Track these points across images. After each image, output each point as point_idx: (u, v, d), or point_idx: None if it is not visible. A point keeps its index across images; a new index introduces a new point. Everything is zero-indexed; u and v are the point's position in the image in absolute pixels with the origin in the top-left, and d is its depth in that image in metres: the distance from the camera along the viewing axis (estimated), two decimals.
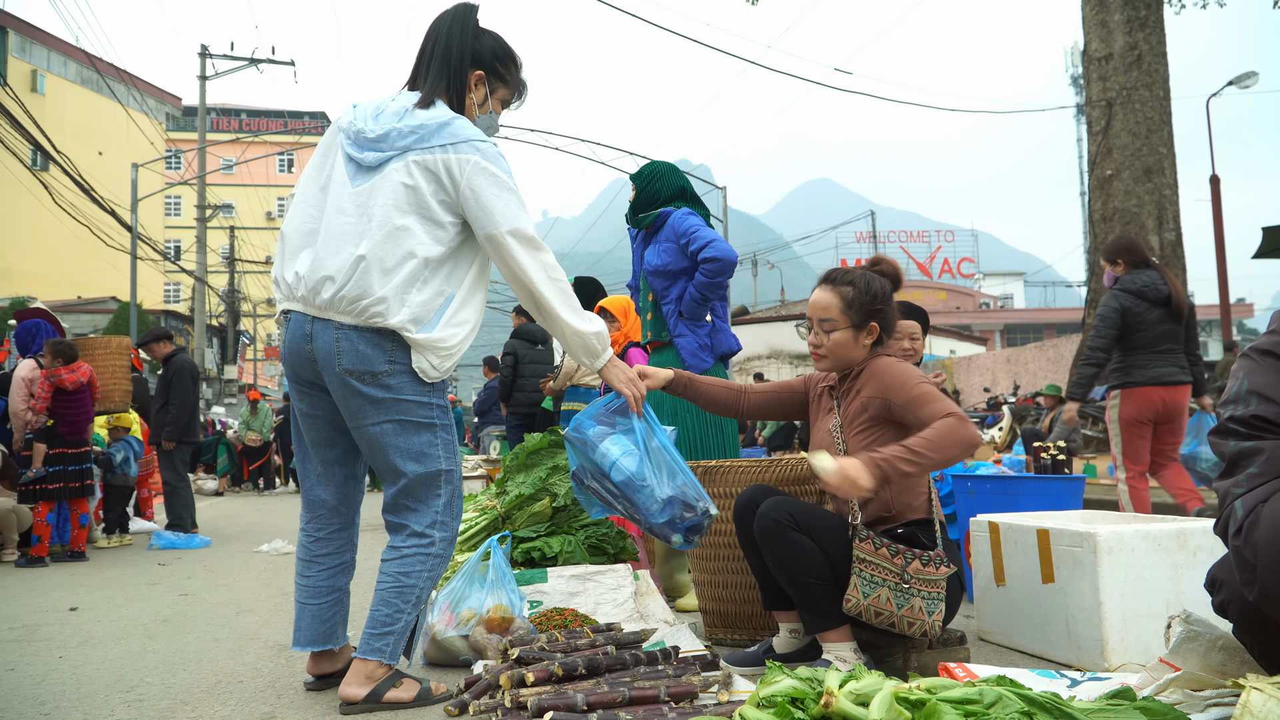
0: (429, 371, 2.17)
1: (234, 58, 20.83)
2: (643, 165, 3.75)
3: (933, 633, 2.20)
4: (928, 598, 2.18)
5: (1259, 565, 1.32)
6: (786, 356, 20.61)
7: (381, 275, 2.11)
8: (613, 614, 2.94)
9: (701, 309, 3.50)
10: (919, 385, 2.29)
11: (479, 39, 2.31)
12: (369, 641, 2.16)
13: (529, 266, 2.17)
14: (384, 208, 2.12)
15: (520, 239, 2.16)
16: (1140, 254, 4.64)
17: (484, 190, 2.13)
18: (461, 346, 2.22)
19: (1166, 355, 4.52)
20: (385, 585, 2.19)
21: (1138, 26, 13.20)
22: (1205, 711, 1.63)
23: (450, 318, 2.18)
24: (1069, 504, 3.52)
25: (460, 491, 2.30)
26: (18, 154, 14.19)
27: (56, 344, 5.74)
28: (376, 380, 2.13)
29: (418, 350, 2.15)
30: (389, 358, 2.14)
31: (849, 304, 2.40)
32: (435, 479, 2.23)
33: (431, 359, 2.16)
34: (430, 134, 2.15)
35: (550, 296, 2.20)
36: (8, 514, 5.76)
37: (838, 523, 2.30)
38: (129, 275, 17.48)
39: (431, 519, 2.22)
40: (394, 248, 2.12)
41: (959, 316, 40.95)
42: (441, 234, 2.17)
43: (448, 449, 2.25)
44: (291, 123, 46.46)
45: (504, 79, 2.36)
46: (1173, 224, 13.17)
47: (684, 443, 3.47)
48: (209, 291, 21.50)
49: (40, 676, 2.65)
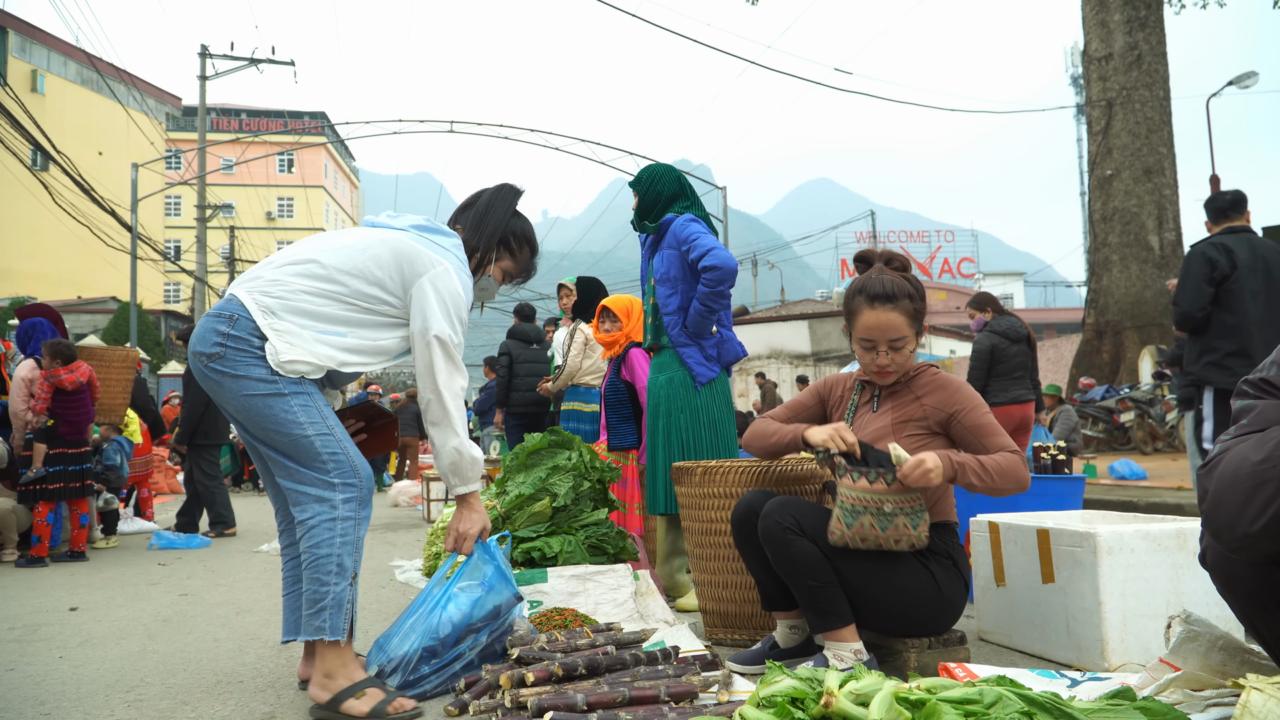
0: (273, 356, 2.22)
1: (234, 58, 20.83)
2: (640, 170, 3.74)
3: (919, 543, 2.24)
4: (909, 513, 2.22)
5: (1210, 494, 1.44)
6: (786, 356, 20.61)
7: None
8: (613, 614, 2.94)
9: (706, 323, 3.45)
10: (988, 415, 2.38)
11: (514, 219, 2.63)
12: (307, 622, 2.18)
13: (443, 373, 2.31)
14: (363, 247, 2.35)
15: (445, 348, 2.31)
16: (999, 304, 6.20)
17: (432, 294, 2.31)
18: (313, 365, 2.24)
19: (1019, 380, 5.83)
20: (304, 561, 2.21)
21: (1138, 26, 13.20)
22: (1205, 711, 1.63)
23: (326, 340, 2.27)
24: (1069, 504, 3.52)
25: (344, 448, 2.26)
26: (18, 154, 14.20)
27: (55, 344, 5.73)
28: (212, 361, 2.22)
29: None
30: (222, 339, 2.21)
31: (913, 317, 2.40)
32: (302, 443, 2.22)
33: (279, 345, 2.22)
34: (424, 236, 2.42)
35: (452, 407, 2.33)
36: (8, 514, 5.76)
37: None
38: (129, 275, 17.48)
39: (324, 482, 2.23)
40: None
41: (959, 316, 40.93)
42: (381, 295, 2.32)
43: (308, 412, 2.24)
44: (291, 123, 46.45)
45: (514, 255, 2.65)
46: (1173, 224, 13.18)
47: (677, 444, 3.46)
48: (209, 291, 21.49)
49: (40, 676, 2.65)
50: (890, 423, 2.42)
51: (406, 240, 2.37)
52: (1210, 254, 4.23)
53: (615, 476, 3.51)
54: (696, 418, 3.46)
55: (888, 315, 2.36)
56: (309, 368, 2.21)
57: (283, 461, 2.24)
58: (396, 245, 2.34)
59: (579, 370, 5.59)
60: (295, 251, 2.35)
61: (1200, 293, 4.21)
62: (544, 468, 3.38)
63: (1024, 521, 2.74)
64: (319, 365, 2.23)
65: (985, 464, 2.25)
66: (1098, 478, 8.14)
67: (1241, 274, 4.20)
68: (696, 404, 3.47)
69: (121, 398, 6.83)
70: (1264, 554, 1.41)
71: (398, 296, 2.33)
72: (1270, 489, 1.33)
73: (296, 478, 2.23)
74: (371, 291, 2.30)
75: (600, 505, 3.44)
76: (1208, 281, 4.21)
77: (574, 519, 3.34)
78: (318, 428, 2.23)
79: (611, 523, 3.41)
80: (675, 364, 3.52)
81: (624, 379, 4.31)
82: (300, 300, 2.25)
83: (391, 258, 2.32)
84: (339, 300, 2.28)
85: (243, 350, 2.18)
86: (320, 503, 2.21)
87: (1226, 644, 1.71)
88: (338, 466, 2.23)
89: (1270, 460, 1.34)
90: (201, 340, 2.22)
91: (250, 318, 2.20)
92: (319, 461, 2.22)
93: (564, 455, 3.43)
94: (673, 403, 3.49)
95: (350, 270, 2.29)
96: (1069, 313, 42.47)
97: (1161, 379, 11.58)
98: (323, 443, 2.22)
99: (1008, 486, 2.26)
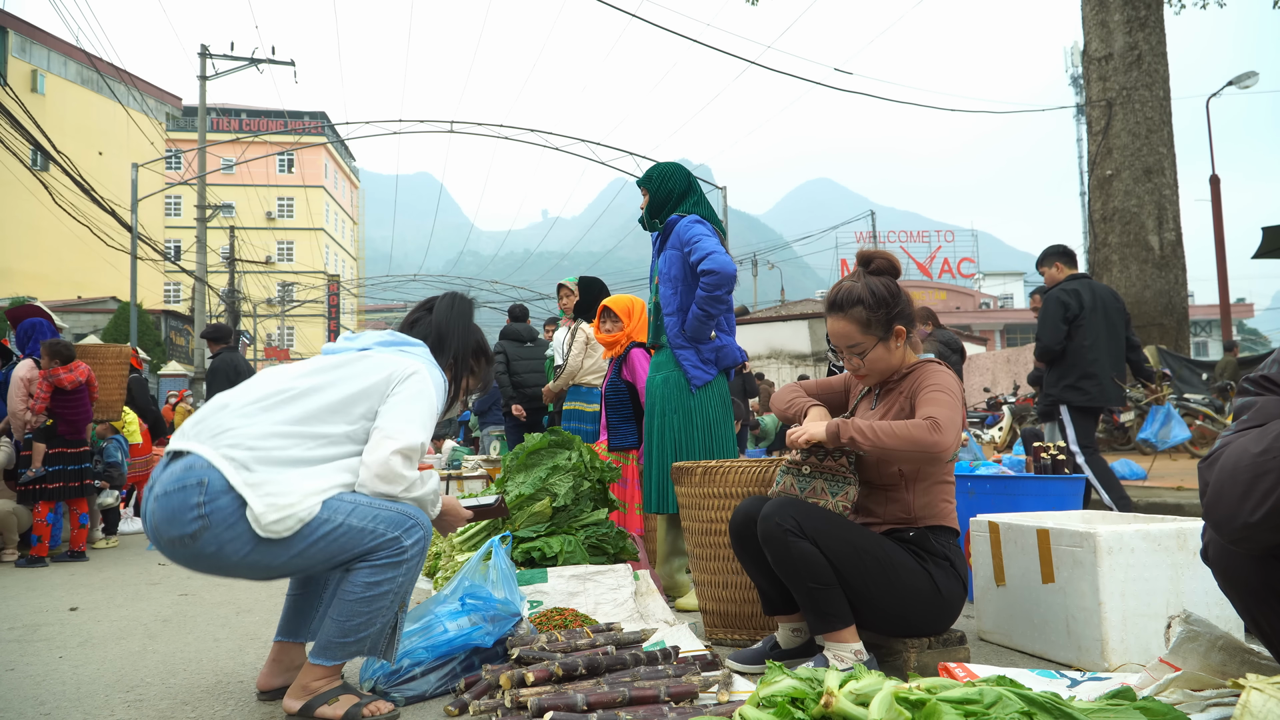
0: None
1: (234, 58, 20.82)
2: (649, 169, 3.72)
3: (838, 508, 2.33)
4: (828, 479, 2.36)
5: (1211, 486, 1.46)
6: (786, 356, 20.60)
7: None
8: (613, 614, 2.94)
9: (705, 328, 3.43)
10: (935, 388, 2.33)
11: (471, 335, 2.51)
12: (350, 643, 2.08)
13: (414, 484, 2.16)
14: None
15: (410, 459, 2.14)
16: (938, 318, 6.39)
17: (406, 400, 2.17)
18: (307, 510, 2.05)
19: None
20: (356, 590, 2.07)
21: (1138, 26, 13.20)
22: (1205, 711, 1.63)
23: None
24: (1069, 504, 3.52)
25: (384, 504, 2.12)
26: (18, 154, 14.19)
27: (53, 344, 5.73)
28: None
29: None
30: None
31: (866, 324, 2.40)
32: (345, 543, 2.07)
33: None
34: (393, 347, 2.31)
35: (428, 499, 2.23)
36: (8, 515, 5.76)
37: (840, 523, 2.30)
38: (129, 275, 17.49)
39: (392, 550, 2.10)
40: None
41: (959, 316, 40.95)
42: (366, 425, 2.17)
43: (325, 524, 2.04)
44: (291, 123, 46.46)
45: (475, 373, 2.56)
46: (1173, 224, 13.17)
47: (670, 444, 3.46)
48: (209, 291, 21.49)
49: (40, 676, 2.65)
50: (881, 418, 2.44)
51: (376, 361, 2.23)
52: (1063, 298, 5.16)
53: (615, 476, 3.51)
54: (690, 419, 3.45)
55: (837, 323, 2.44)
56: (300, 518, 1.99)
57: (343, 570, 2.10)
58: (368, 370, 2.19)
59: (580, 370, 5.59)
60: (258, 390, 2.14)
61: (1057, 330, 5.14)
62: (544, 468, 3.38)
63: (1024, 521, 2.74)
64: (314, 507, 2.01)
65: (877, 427, 2.22)
66: None
67: (1086, 314, 5.13)
68: (690, 405, 3.46)
69: (118, 394, 6.85)
70: (1264, 545, 1.42)
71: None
72: (1270, 480, 1.35)
73: (369, 569, 2.07)
74: (353, 429, 2.14)
75: (600, 505, 3.44)
76: (1063, 321, 5.13)
77: (574, 519, 3.34)
78: (345, 519, 2.04)
79: (611, 523, 3.42)
80: (671, 364, 3.51)
81: (625, 379, 4.31)
82: (273, 448, 2.03)
83: (367, 388, 2.16)
84: (317, 440, 2.09)
85: (226, 518, 1.95)
86: (397, 566, 2.09)
87: (1226, 644, 1.71)
88: (392, 526, 2.08)
89: (1270, 451, 1.37)
90: (173, 522, 1.96)
91: (223, 476, 1.97)
92: (374, 539, 2.06)
93: (564, 455, 3.43)
94: (667, 403, 3.49)
95: (326, 408, 2.11)
96: None
97: (1162, 379, 11.57)
98: (364, 522, 2.05)
99: (898, 446, 2.19)
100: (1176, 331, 13.16)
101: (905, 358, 2.47)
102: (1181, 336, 13.24)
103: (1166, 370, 11.77)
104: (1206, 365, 13.37)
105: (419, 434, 2.14)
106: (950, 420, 2.22)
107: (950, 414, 2.24)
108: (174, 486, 1.97)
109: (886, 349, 2.42)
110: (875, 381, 2.50)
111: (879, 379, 2.48)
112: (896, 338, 2.43)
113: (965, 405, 2.40)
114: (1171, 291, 13.12)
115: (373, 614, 2.08)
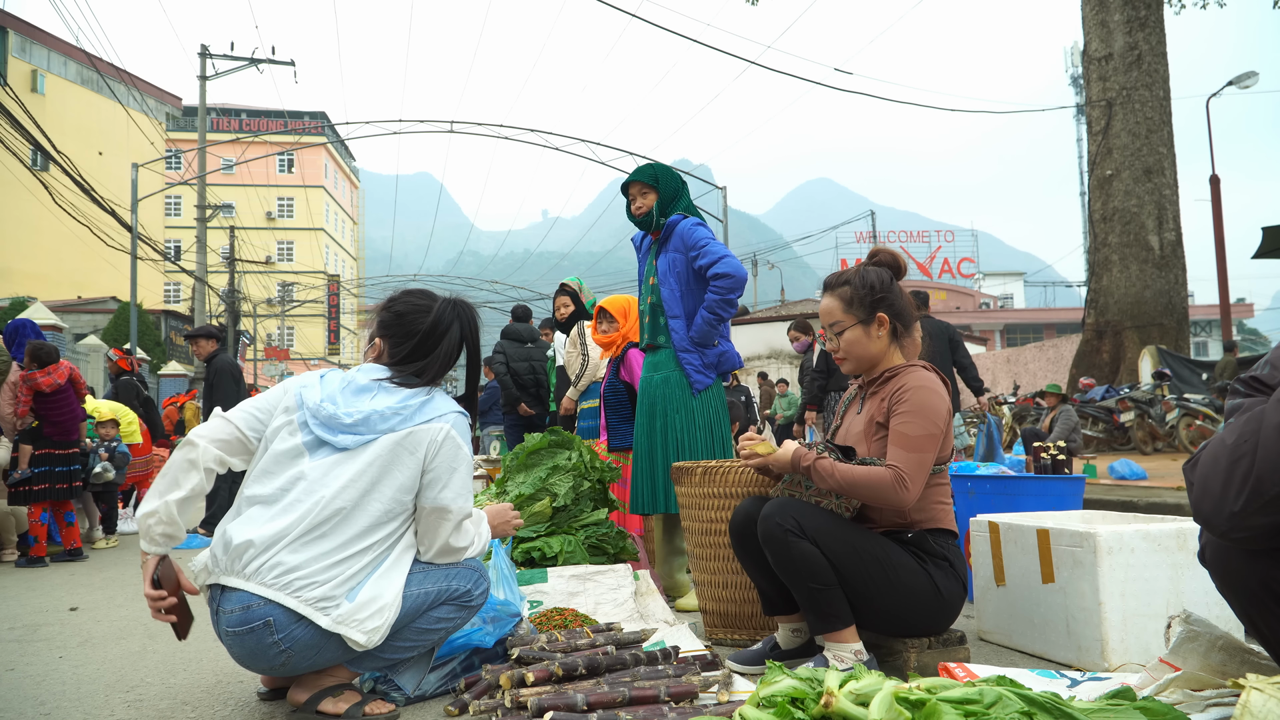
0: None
1: (234, 58, 20.81)
2: (643, 166, 3.69)
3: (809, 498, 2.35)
4: (793, 482, 2.39)
5: (1195, 483, 1.50)
6: (786, 356, 20.57)
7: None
8: (613, 614, 2.94)
9: (713, 332, 3.45)
10: (913, 426, 2.27)
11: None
12: (361, 659, 2.12)
13: (477, 539, 2.30)
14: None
15: (459, 528, 2.20)
16: (927, 302, 6.93)
17: (446, 468, 2.15)
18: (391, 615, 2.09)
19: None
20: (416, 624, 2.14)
21: (1138, 26, 13.20)
22: (1205, 711, 1.63)
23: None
24: (1069, 504, 3.51)
25: (447, 570, 2.21)
26: (18, 154, 14.19)
27: (33, 347, 5.74)
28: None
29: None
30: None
31: (849, 302, 2.43)
32: (444, 594, 2.18)
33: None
34: (414, 412, 2.16)
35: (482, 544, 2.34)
36: (6, 516, 5.77)
37: (841, 523, 2.30)
38: (129, 275, 17.48)
39: (465, 586, 2.21)
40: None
41: (959, 316, 40.94)
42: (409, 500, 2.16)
43: (410, 599, 2.11)
44: (291, 123, 46.43)
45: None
46: (1173, 224, 13.17)
47: (673, 444, 3.46)
48: (209, 291, 21.49)
49: (40, 676, 2.65)
50: (864, 424, 2.44)
51: (402, 445, 2.12)
52: None
53: (615, 476, 3.51)
54: (692, 419, 3.46)
55: (825, 301, 2.49)
56: (390, 622, 2.03)
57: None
58: (399, 461, 2.11)
59: (598, 366, 5.58)
60: (298, 520, 2.01)
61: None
62: (544, 468, 3.38)
63: (1024, 521, 2.74)
64: (399, 606, 2.05)
65: (839, 474, 2.22)
66: (1098, 478, 8.13)
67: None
68: (692, 406, 3.47)
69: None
70: (1254, 532, 1.43)
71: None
72: (1245, 464, 1.39)
73: (438, 606, 2.17)
74: (405, 513, 2.15)
75: (600, 505, 3.44)
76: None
77: (574, 519, 3.34)
78: (421, 593, 2.12)
79: (611, 523, 3.42)
80: (672, 365, 3.51)
81: (623, 379, 4.30)
82: (339, 574, 2.01)
83: (405, 483, 2.11)
84: (376, 546, 2.08)
85: (311, 643, 1.99)
86: (460, 610, 2.21)
87: (1226, 644, 1.71)
88: (463, 580, 2.20)
89: (1242, 437, 1.41)
90: (257, 657, 2.00)
91: (286, 610, 1.96)
92: (448, 593, 2.16)
93: (564, 455, 3.43)
94: (669, 403, 3.49)
95: (375, 521, 2.08)
96: (1069, 313, 42.48)
97: (1161, 379, 11.57)
98: (437, 585, 2.15)
99: (858, 496, 2.24)
100: (1176, 331, 13.16)
101: (891, 356, 2.46)
102: (1181, 336, 13.24)
103: (1166, 370, 11.78)
104: (1206, 365, 13.36)
105: (467, 502, 2.20)
106: (919, 467, 2.22)
107: (920, 457, 2.23)
108: (242, 629, 1.98)
109: (866, 333, 2.42)
110: (854, 369, 2.50)
111: (856, 366, 2.48)
112: (879, 325, 2.42)
113: (951, 412, 2.37)
114: (1171, 291, 13.13)
115: (420, 644, 2.16)
